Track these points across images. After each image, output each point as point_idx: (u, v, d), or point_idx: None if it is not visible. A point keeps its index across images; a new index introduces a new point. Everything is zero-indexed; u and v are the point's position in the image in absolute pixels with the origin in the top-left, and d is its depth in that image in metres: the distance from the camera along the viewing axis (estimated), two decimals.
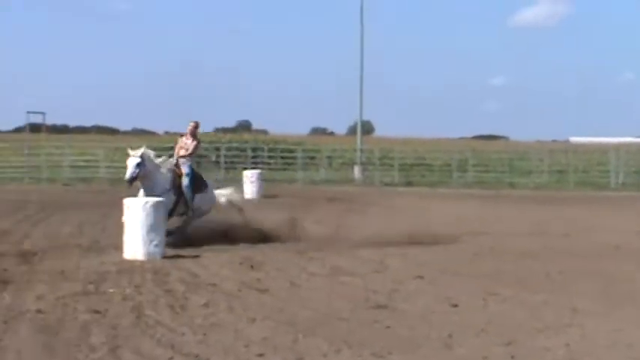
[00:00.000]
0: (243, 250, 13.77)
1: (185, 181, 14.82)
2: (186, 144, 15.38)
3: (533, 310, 9.34)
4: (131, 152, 14.26)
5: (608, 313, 9.22)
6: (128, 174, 14.18)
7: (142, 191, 14.30)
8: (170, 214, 14.21)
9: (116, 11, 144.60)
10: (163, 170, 14.63)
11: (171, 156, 15.45)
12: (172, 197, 14.42)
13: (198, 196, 15.01)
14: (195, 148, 15.44)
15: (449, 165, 43.03)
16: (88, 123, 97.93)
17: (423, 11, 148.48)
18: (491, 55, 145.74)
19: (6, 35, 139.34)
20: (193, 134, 15.49)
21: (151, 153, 14.73)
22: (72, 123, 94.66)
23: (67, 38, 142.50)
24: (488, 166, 44.92)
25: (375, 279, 11.19)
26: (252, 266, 12.12)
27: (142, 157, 14.12)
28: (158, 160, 14.69)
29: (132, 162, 14.10)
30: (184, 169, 14.95)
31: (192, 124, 15.57)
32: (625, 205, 27.07)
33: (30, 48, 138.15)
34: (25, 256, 12.69)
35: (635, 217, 21.96)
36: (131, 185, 14.28)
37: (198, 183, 15.15)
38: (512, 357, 7.24)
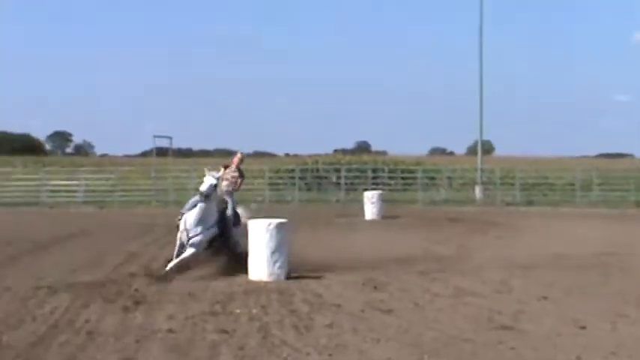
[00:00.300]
0: (366, 271, 13.84)
1: (229, 213, 14.26)
2: (234, 177, 14.76)
3: None
4: (208, 172, 13.87)
5: None
6: (206, 188, 13.52)
7: (185, 220, 13.84)
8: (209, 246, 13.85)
9: (237, 36, 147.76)
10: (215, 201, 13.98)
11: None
12: (217, 230, 13.88)
13: (234, 230, 14.21)
14: (241, 184, 14.94)
15: (572, 184, 42.11)
16: (210, 146, 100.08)
17: (542, 29, 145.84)
18: (614, 71, 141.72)
19: (133, 65, 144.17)
20: (239, 167, 14.90)
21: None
22: (195, 146, 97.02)
23: (190, 66, 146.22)
24: (613, 185, 43.70)
25: (499, 300, 11.08)
26: (375, 287, 12.18)
27: (218, 179, 13.83)
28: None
29: (210, 180, 13.62)
30: (229, 202, 14.43)
31: (239, 155, 15.09)
32: None
33: (156, 76, 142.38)
34: (155, 278, 13.09)
35: None
36: (205, 200, 13.57)
37: (236, 216, 14.44)
38: None
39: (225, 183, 14.48)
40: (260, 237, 13.05)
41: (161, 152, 47.70)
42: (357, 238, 20.17)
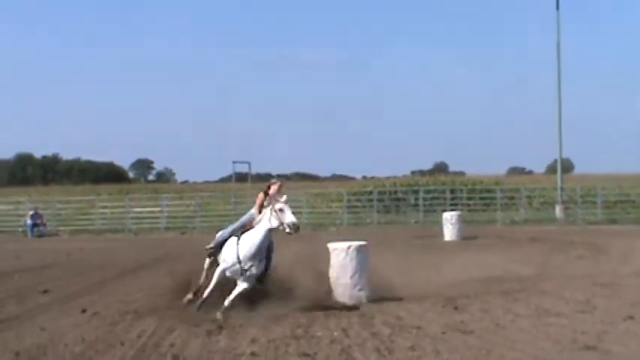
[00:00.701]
0: (446, 292, 13.82)
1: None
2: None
3: None
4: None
5: None
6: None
7: (236, 251, 12.45)
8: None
9: (302, 59, 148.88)
10: None
11: None
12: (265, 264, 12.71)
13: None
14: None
15: None
16: (289, 170, 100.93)
17: (620, 42, 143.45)
18: None
19: (213, 88, 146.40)
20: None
21: None
22: (274, 171, 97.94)
23: (264, 90, 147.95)
24: None
25: (583, 319, 10.93)
26: (456, 308, 12.15)
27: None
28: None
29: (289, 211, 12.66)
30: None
31: (278, 183, 13.47)
32: None
33: (234, 98, 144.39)
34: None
35: None
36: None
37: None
38: None
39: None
40: (340, 259, 13.16)
41: (240, 177, 48.30)
42: (436, 260, 20.09)
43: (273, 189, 13.17)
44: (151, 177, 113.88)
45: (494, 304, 12.49)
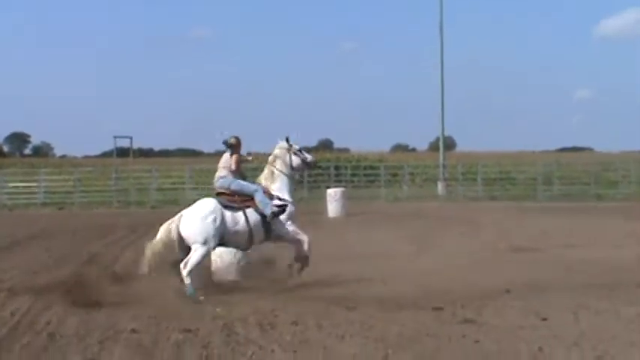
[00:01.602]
0: (330, 268, 13.84)
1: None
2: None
3: (627, 322, 9.16)
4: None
5: None
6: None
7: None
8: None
9: (195, 36, 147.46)
10: None
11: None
12: None
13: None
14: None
15: (533, 178, 42.60)
16: (172, 146, 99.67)
17: (504, 24, 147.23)
18: (575, 67, 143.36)
19: (93, 63, 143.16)
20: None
21: None
22: (157, 146, 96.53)
23: (149, 65, 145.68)
24: (573, 179, 44.30)
25: (463, 294, 11.10)
26: (339, 282, 12.16)
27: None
28: None
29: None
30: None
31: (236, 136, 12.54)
32: None
33: (116, 73, 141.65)
34: (118, 278, 13.00)
35: None
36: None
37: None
38: None
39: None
40: None
41: (122, 152, 47.35)
42: (319, 236, 20.12)
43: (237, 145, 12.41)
44: (27, 151, 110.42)
45: (378, 279, 12.54)
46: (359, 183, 43.00)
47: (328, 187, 32.48)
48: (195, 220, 11.51)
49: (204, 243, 11.34)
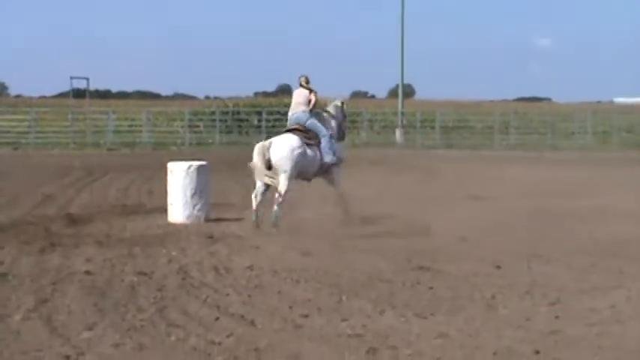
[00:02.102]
0: (286, 213, 13.84)
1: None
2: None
3: (579, 272, 9.29)
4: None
5: None
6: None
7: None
8: None
9: None
10: None
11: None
12: None
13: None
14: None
15: (491, 127, 42.83)
16: (129, 88, 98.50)
17: None
18: (536, 16, 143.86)
19: (50, 1, 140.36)
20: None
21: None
22: (114, 88, 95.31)
23: (108, 3, 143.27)
24: (530, 128, 44.67)
25: (418, 241, 11.18)
26: (295, 228, 12.17)
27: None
28: None
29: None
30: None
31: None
32: None
33: (72, 12, 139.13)
34: (73, 220, 12.91)
35: None
36: None
37: None
38: (557, 317, 7.21)
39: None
40: (180, 179, 12.93)
41: (78, 93, 46.62)
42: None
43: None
44: None
45: (333, 225, 12.56)
46: None
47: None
48: (286, 151, 12.42)
49: (291, 172, 12.37)
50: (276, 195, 12.29)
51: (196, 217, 12.84)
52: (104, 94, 78.80)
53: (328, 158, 12.95)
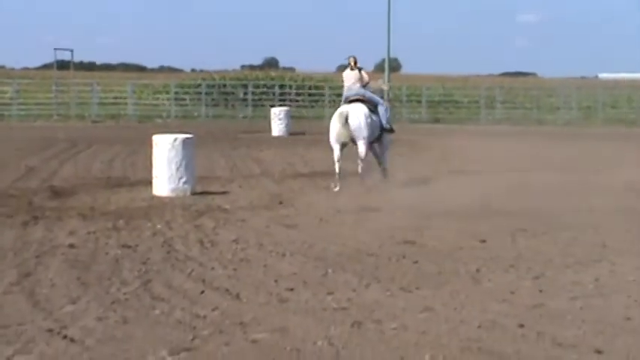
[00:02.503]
0: (272, 187, 13.84)
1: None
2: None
3: (563, 246, 9.33)
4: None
5: (638, 249, 9.18)
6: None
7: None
8: None
9: None
10: None
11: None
12: None
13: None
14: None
15: (477, 102, 42.83)
16: (114, 60, 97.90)
17: None
18: None
19: None
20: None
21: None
22: (99, 60, 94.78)
23: None
24: (516, 103, 44.71)
25: (403, 215, 11.17)
26: (280, 202, 12.18)
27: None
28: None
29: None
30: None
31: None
32: None
33: None
34: (56, 192, 12.84)
35: None
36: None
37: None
38: (541, 291, 7.24)
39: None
40: (165, 152, 12.86)
41: (62, 65, 46.23)
42: (263, 154, 20.11)
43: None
44: None
45: (319, 198, 12.59)
46: (303, 103, 42.78)
47: (272, 106, 32.29)
48: (363, 119, 14.04)
49: (368, 137, 14.08)
50: (359, 161, 14.18)
51: (182, 190, 12.78)
52: (89, 67, 78.32)
53: (384, 121, 14.60)
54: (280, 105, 34.31)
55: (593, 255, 8.83)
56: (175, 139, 12.98)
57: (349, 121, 13.95)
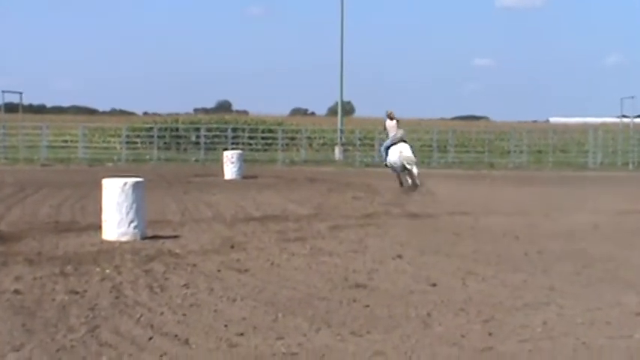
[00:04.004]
0: (223, 231, 13.77)
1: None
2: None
3: (512, 289, 9.37)
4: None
5: (586, 292, 9.26)
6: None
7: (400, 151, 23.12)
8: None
9: None
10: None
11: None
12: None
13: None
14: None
15: (429, 145, 43.18)
16: (65, 103, 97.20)
17: None
18: (475, 35, 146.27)
19: None
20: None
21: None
22: (49, 103, 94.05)
23: (44, 17, 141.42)
24: (468, 147, 45.24)
25: (355, 259, 11.19)
26: (232, 246, 12.10)
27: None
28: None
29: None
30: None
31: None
32: (603, 185, 27.22)
33: (6, 26, 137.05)
34: (2, 237, 12.62)
35: (613, 197, 22.08)
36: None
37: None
38: (490, 334, 7.26)
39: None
40: (115, 196, 12.73)
41: (10, 108, 45.76)
42: (215, 198, 20.02)
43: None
44: None
45: (271, 243, 12.55)
46: (256, 146, 42.84)
47: (225, 150, 32.29)
48: (412, 152, 23.11)
49: (417, 162, 23.27)
50: (415, 177, 22.89)
51: (132, 234, 12.63)
52: (39, 109, 77.70)
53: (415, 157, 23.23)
54: (233, 148, 34.31)
55: (542, 298, 8.88)
56: (125, 183, 12.86)
57: (404, 154, 22.58)
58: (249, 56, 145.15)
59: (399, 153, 22.61)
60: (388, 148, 23.48)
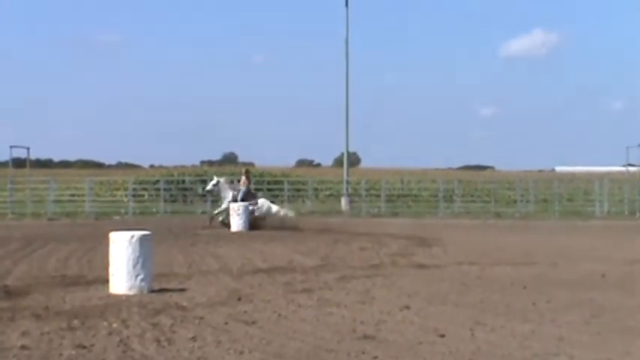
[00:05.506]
0: (231, 283, 13.75)
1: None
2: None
3: (521, 339, 9.32)
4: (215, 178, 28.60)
5: (596, 342, 9.21)
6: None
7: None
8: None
9: (101, 44, 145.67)
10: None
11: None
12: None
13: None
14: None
15: (435, 195, 43.24)
16: (72, 157, 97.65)
17: (411, 40, 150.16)
18: (480, 85, 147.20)
19: None
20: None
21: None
22: (56, 157, 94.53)
23: (52, 70, 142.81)
24: (474, 196, 45.27)
25: (362, 310, 11.16)
26: (239, 299, 12.07)
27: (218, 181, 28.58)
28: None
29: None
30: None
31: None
32: (610, 234, 27.17)
33: (13, 80, 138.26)
34: (9, 292, 12.61)
35: (620, 245, 22.03)
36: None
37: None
38: None
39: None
40: (122, 250, 12.74)
41: (18, 163, 45.98)
42: (222, 250, 20.01)
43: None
44: None
45: (278, 294, 12.52)
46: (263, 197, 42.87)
47: (231, 202, 32.27)
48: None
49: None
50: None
51: (139, 288, 12.62)
52: (46, 164, 78.09)
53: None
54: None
55: (552, 348, 8.83)
56: (132, 236, 12.88)
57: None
58: (253, 106, 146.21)
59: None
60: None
